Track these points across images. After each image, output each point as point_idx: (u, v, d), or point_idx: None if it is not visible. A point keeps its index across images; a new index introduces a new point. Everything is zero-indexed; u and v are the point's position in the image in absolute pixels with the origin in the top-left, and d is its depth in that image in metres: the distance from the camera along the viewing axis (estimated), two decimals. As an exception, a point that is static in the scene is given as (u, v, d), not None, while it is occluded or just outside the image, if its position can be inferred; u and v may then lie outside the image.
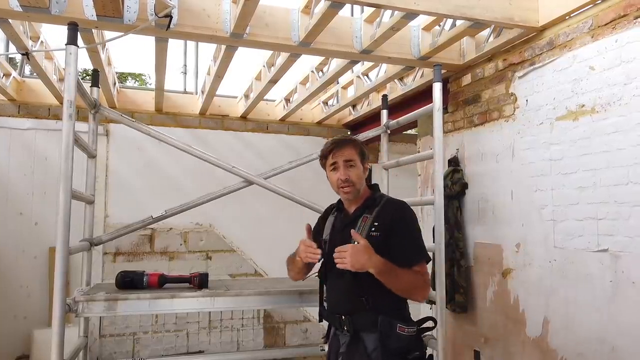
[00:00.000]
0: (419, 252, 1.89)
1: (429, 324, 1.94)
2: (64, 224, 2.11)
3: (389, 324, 1.78)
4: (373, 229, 1.87)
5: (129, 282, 2.54)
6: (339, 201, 2.09)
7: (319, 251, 1.90)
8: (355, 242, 1.78)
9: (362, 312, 1.83)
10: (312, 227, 2.09)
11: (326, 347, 2.07)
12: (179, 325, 4.91)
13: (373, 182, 2.14)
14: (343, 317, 1.88)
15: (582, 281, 2.63)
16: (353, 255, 1.73)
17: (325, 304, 2.05)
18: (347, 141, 2.01)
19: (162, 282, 2.59)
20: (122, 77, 11.64)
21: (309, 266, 2.09)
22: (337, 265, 1.77)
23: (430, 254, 2.90)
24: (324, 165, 2.05)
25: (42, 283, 4.49)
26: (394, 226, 1.87)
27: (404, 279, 1.79)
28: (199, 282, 2.58)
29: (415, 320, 1.91)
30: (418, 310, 3.79)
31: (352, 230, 1.80)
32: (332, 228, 2.06)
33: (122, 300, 2.36)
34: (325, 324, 2.09)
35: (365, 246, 1.75)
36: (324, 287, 2.05)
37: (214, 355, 4.66)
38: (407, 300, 1.93)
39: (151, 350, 4.77)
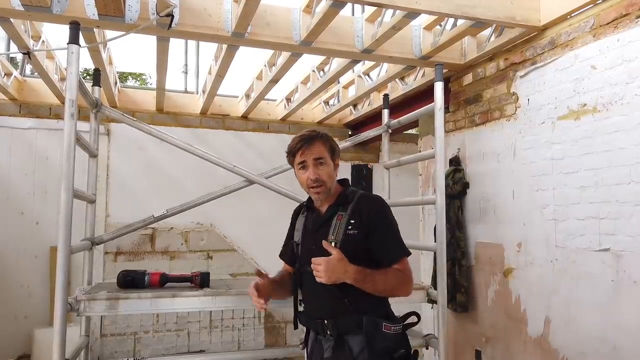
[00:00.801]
0: (399, 249, 1.82)
1: (413, 319, 1.89)
2: (65, 223, 2.11)
3: (374, 324, 1.73)
4: (350, 227, 1.79)
5: (131, 281, 2.54)
6: (309, 199, 1.97)
7: (262, 301, 1.79)
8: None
9: (345, 314, 1.76)
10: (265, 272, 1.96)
11: (304, 353, 2.00)
12: (179, 325, 4.90)
13: (374, 182, 2.11)
14: (325, 321, 1.80)
15: (583, 280, 2.62)
16: (328, 270, 1.66)
17: (301, 308, 1.97)
18: (316, 137, 1.86)
19: (163, 282, 2.59)
20: (123, 76, 11.64)
21: (281, 286, 1.99)
22: (317, 279, 1.70)
23: (432, 253, 2.89)
24: (291, 163, 1.92)
25: (43, 282, 4.49)
26: (371, 223, 1.79)
27: (383, 282, 1.73)
28: (201, 281, 2.58)
29: (398, 316, 1.86)
30: (418, 310, 3.78)
31: (324, 242, 1.71)
32: (303, 229, 1.96)
33: (123, 300, 2.36)
34: (302, 329, 2.02)
35: (338, 259, 1.67)
36: (299, 292, 1.97)
37: (214, 354, 4.64)
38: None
39: (152, 350, 4.77)
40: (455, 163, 3.67)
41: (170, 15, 2.70)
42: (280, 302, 2.18)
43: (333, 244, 1.76)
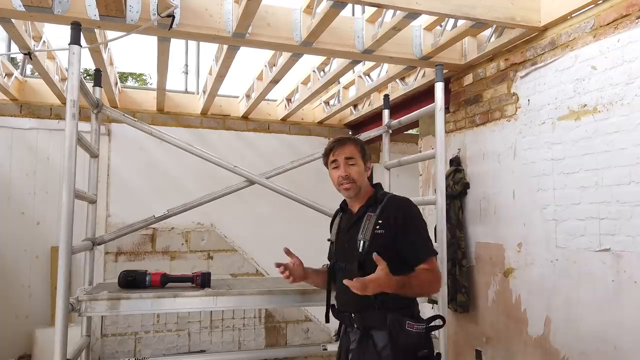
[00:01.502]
0: (427, 249, 1.89)
1: (438, 322, 1.95)
2: (67, 224, 2.12)
3: (398, 322, 1.80)
4: (378, 226, 1.88)
5: (132, 282, 2.54)
6: (344, 201, 2.11)
7: (281, 268, 2.04)
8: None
9: (371, 310, 1.84)
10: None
11: (333, 347, 2.08)
12: (180, 325, 4.91)
13: (375, 181, 2.15)
14: (353, 315, 1.91)
15: (584, 281, 2.63)
16: (376, 288, 1.67)
17: (334, 302, 2.08)
18: (348, 139, 2.05)
19: (164, 282, 2.59)
20: (123, 77, 11.65)
21: (318, 275, 2.20)
22: (356, 291, 1.70)
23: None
24: (326, 164, 2.09)
25: (44, 283, 4.50)
26: (399, 224, 1.87)
27: (417, 285, 1.79)
28: (202, 281, 2.58)
29: (424, 318, 1.92)
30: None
31: (375, 256, 1.73)
32: (337, 229, 2.10)
33: (124, 300, 2.37)
34: (331, 324, 2.11)
35: (385, 275, 1.68)
36: (332, 286, 2.09)
37: (215, 354, 4.66)
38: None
39: (153, 350, 4.78)
40: (456, 163, 3.68)
41: (171, 16, 2.71)
42: (283, 299, 2.41)
43: (362, 242, 1.88)
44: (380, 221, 1.89)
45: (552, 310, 2.83)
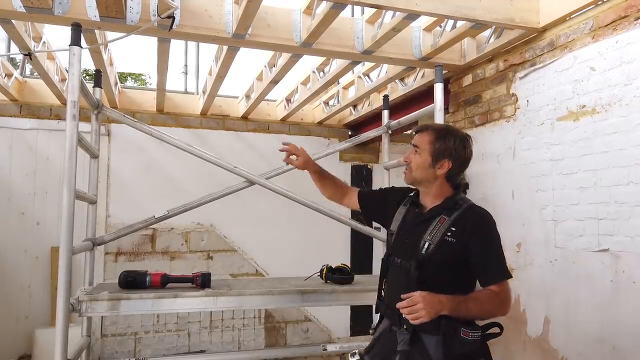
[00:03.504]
0: (500, 271, 1.76)
1: (495, 330, 1.80)
2: (67, 224, 2.13)
3: (453, 328, 1.66)
4: (449, 233, 1.75)
5: (132, 282, 2.55)
6: (416, 193, 1.98)
7: (286, 149, 2.18)
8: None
9: None
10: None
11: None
12: (180, 325, 4.91)
13: (374, 182, 2.12)
14: (403, 314, 1.74)
15: (582, 281, 2.64)
16: (426, 306, 1.60)
17: (383, 296, 1.96)
18: (427, 128, 1.93)
19: (164, 282, 2.60)
20: (122, 77, 11.65)
21: (335, 185, 2.27)
22: (412, 322, 1.64)
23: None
24: None
25: (44, 283, 4.50)
26: (473, 238, 1.75)
27: (478, 309, 1.70)
28: (202, 281, 2.60)
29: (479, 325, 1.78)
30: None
31: (402, 295, 1.66)
32: (402, 221, 1.95)
33: (125, 300, 2.38)
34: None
35: (428, 293, 1.64)
36: (384, 280, 1.97)
37: (215, 354, 4.67)
38: None
39: (153, 350, 4.78)
40: (455, 164, 3.68)
41: (171, 17, 2.71)
42: (283, 299, 2.16)
43: (427, 244, 1.76)
44: (453, 229, 1.76)
45: (551, 310, 2.84)
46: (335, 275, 3.00)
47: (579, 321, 2.65)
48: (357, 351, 1.96)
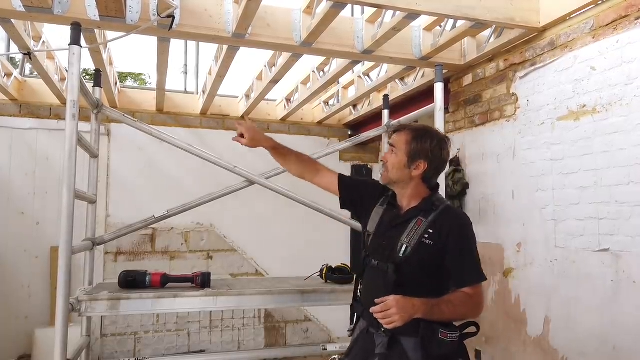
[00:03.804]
0: (475, 274, 1.75)
1: (472, 329, 1.79)
2: (67, 224, 2.13)
3: (431, 329, 1.65)
4: (427, 235, 1.74)
5: (132, 282, 2.55)
6: (393, 194, 1.93)
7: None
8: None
9: None
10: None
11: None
12: (180, 325, 4.91)
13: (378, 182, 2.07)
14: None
15: (583, 281, 2.63)
16: (400, 310, 1.60)
17: (359, 297, 1.94)
18: (405, 128, 1.88)
19: (164, 282, 2.60)
20: (122, 76, 11.64)
21: (302, 161, 2.21)
22: (385, 326, 1.64)
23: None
24: None
25: (44, 283, 4.50)
26: (450, 240, 1.73)
27: (451, 311, 1.69)
28: (201, 281, 2.59)
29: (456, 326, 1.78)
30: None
31: (376, 300, 1.65)
32: (379, 222, 1.91)
33: (125, 300, 2.37)
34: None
35: (402, 297, 1.63)
36: (360, 281, 1.95)
37: (215, 354, 4.67)
38: None
39: (152, 350, 4.77)
40: (455, 163, 3.68)
41: (171, 17, 2.71)
42: (283, 299, 2.13)
43: (405, 247, 1.74)
44: (430, 231, 1.74)
45: (552, 310, 2.84)
46: (335, 275, 3.00)
47: (580, 321, 2.65)
48: (336, 356, 1.95)
